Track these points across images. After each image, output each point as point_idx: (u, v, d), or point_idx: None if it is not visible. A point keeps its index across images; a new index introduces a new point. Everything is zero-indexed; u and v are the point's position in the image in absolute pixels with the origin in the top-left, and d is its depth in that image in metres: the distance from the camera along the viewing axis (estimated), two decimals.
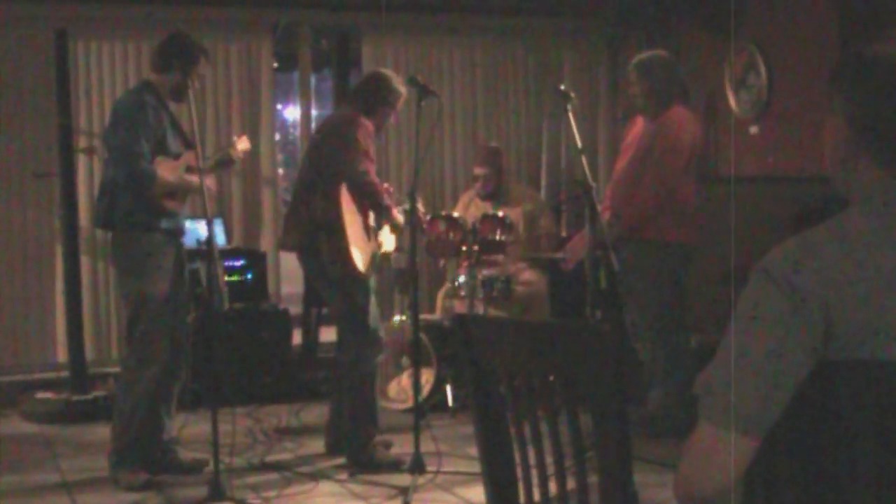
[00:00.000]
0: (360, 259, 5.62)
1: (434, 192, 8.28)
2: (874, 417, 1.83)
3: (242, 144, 6.05)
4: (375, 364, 5.78)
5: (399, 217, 5.91)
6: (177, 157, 5.52)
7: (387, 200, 5.80)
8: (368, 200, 5.73)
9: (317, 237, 5.69)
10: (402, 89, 5.90)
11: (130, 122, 5.38)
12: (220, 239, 7.49)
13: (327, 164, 5.74)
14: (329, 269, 5.70)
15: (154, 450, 5.57)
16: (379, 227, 5.90)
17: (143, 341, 5.44)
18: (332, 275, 5.71)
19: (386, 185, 6.05)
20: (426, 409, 6.53)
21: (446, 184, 8.39)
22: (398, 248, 6.33)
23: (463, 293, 6.81)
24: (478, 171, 7.56)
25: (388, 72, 6.15)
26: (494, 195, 7.49)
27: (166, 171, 5.40)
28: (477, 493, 5.06)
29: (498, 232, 6.63)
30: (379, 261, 5.98)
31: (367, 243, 5.75)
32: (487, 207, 7.30)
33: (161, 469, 5.55)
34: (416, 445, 5.47)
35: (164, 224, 5.45)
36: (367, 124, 5.69)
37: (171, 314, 5.49)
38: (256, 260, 7.70)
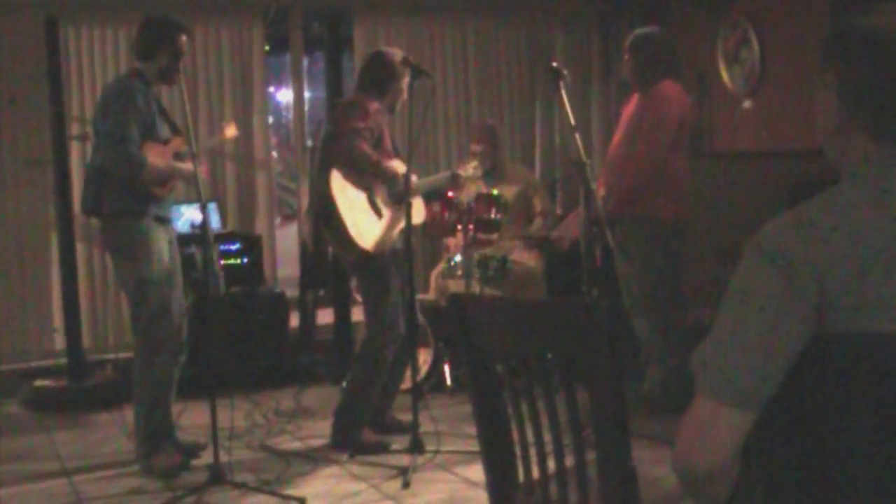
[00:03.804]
0: (364, 238, 5.60)
1: (428, 172, 8.28)
2: (870, 390, 1.84)
3: (230, 131, 6.04)
4: (385, 353, 5.75)
5: (398, 170, 5.76)
6: (165, 142, 5.52)
7: (389, 166, 5.72)
8: (367, 172, 5.67)
9: (322, 227, 5.72)
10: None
11: (120, 107, 5.37)
12: (215, 223, 7.48)
13: (322, 154, 5.76)
14: (341, 256, 5.70)
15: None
16: (398, 199, 5.75)
17: (150, 327, 5.45)
18: (346, 259, 5.73)
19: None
20: (424, 389, 6.54)
21: (440, 163, 8.37)
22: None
23: (459, 273, 6.81)
24: (474, 147, 7.55)
25: (389, 48, 6.12)
26: (491, 172, 7.48)
27: (156, 156, 5.40)
28: (476, 471, 5.07)
29: (493, 211, 6.62)
30: (398, 237, 5.80)
31: (375, 221, 5.72)
32: (482, 185, 7.30)
33: None
34: (415, 425, 5.49)
35: (153, 210, 5.44)
36: (367, 104, 5.65)
37: (172, 298, 5.50)
38: (252, 243, 7.68)
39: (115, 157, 5.35)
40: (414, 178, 5.82)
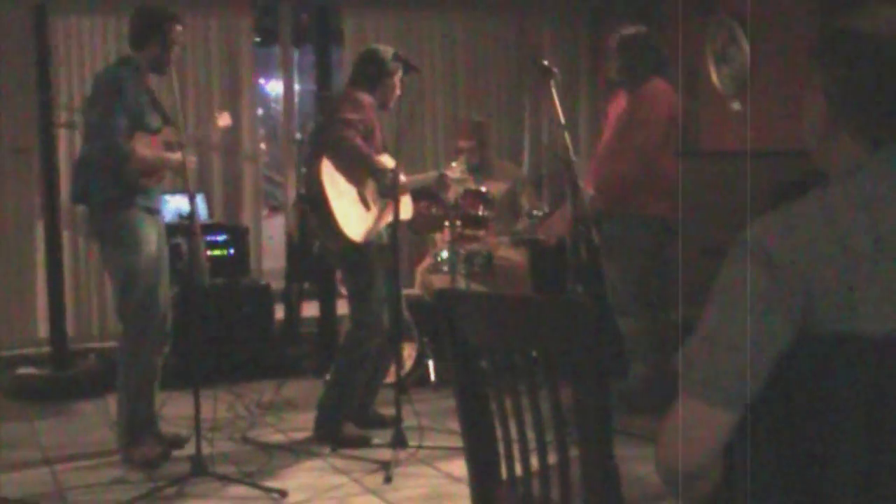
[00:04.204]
0: (354, 229, 5.59)
1: (415, 167, 8.27)
2: (854, 391, 1.84)
3: (223, 121, 6.02)
4: (369, 347, 5.74)
5: (387, 165, 5.70)
6: (155, 133, 5.50)
7: (377, 160, 5.69)
8: (356, 165, 5.67)
9: (309, 215, 5.71)
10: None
11: (108, 98, 5.35)
12: (202, 213, 7.47)
13: (313, 144, 5.76)
14: (327, 245, 5.71)
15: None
16: (386, 194, 5.69)
17: (136, 317, 5.43)
18: (332, 250, 5.72)
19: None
20: (408, 383, 6.54)
21: (427, 159, 8.37)
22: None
23: (444, 268, 6.81)
24: (462, 144, 7.55)
25: (379, 45, 6.13)
26: (478, 169, 7.48)
27: (144, 147, 5.38)
28: (458, 467, 5.07)
29: (480, 207, 6.62)
30: (384, 231, 5.80)
31: (363, 213, 5.71)
32: (470, 181, 7.28)
33: None
34: (398, 420, 5.49)
35: (140, 201, 5.42)
36: (361, 98, 5.65)
37: (160, 288, 5.48)
38: (238, 235, 7.68)
39: (101, 147, 5.33)
40: (403, 178, 5.82)
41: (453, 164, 6.42)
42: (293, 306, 7.98)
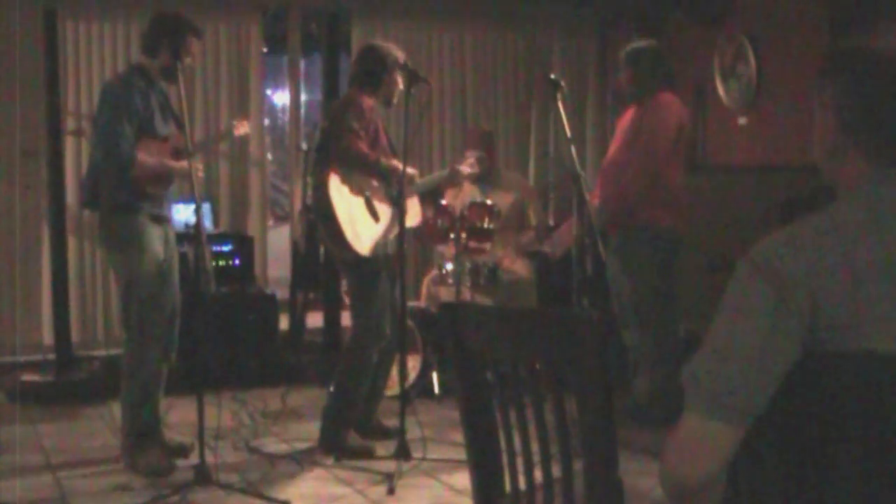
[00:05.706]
0: (361, 241, 5.59)
1: (423, 177, 8.27)
2: (859, 408, 1.84)
3: (241, 129, 6.01)
4: (370, 354, 5.75)
5: (398, 166, 5.66)
6: (164, 139, 5.50)
7: (387, 162, 5.68)
8: (363, 171, 5.67)
9: (316, 225, 5.72)
10: (398, 52, 5.84)
11: (114, 104, 5.37)
12: (208, 222, 7.48)
13: (319, 155, 5.77)
14: (333, 254, 5.71)
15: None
16: (397, 197, 5.66)
17: (140, 324, 5.43)
18: (337, 259, 5.73)
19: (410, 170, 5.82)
20: (412, 395, 6.54)
21: (434, 169, 8.37)
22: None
23: (450, 280, 6.81)
24: (469, 153, 7.54)
25: (378, 41, 6.12)
26: (486, 179, 7.47)
27: (149, 153, 5.38)
28: (462, 479, 5.07)
29: (486, 219, 6.62)
30: (394, 241, 5.75)
31: (372, 224, 5.72)
32: (477, 192, 7.28)
33: None
34: (402, 431, 5.49)
35: (147, 208, 5.43)
36: (362, 102, 5.64)
37: (164, 296, 5.48)
38: (244, 244, 7.69)
39: (105, 153, 5.36)
40: (413, 171, 5.81)
41: (470, 161, 6.39)
42: (298, 316, 7.99)
